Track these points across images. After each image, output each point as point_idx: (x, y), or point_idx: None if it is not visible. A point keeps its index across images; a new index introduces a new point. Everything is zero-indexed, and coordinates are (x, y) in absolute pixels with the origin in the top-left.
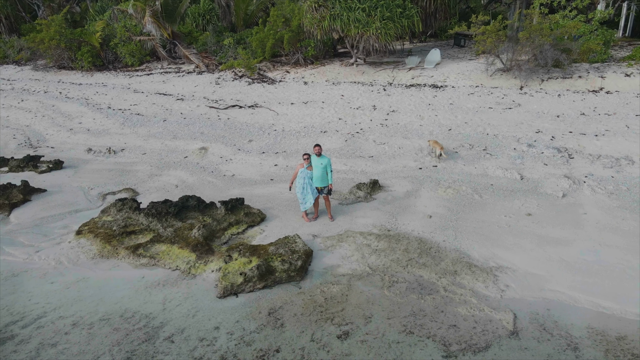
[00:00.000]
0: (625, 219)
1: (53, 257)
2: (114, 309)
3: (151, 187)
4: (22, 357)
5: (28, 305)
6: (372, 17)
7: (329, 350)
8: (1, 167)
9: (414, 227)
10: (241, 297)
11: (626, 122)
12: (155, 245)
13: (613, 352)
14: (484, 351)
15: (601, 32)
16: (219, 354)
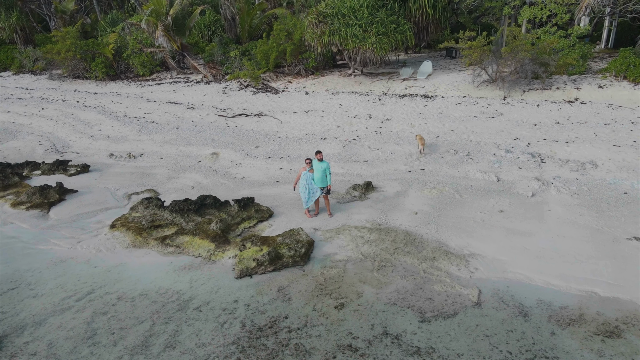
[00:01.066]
0: (583, 215)
1: (93, 246)
2: (150, 287)
3: (170, 188)
4: (79, 323)
5: (78, 284)
6: (368, 33)
7: (328, 317)
8: (34, 171)
9: (402, 222)
10: (255, 277)
11: (595, 130)
12: (179, 237)
13: (555, 317)
14: (452, 317)
15: (579, 46)
16: (239, 319)
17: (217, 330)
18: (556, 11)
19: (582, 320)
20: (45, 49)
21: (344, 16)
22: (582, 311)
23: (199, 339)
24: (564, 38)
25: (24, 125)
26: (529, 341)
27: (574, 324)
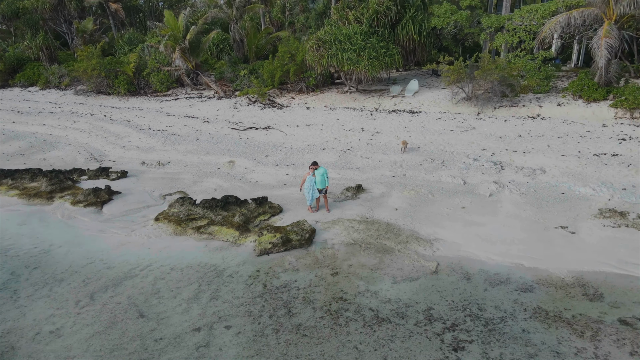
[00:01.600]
0: (526, 210)
1: (144, 234)
2: (193, 262)
3: (196, 190)
4: (146, 284)
5: (139, 260)
6: (361, 56)
7: (325, 280)
8: (81, 176)
9: (384, 216)
10: (271, 255)
11: (549, 142)
12: (210, 227)
13: (489, 280)
14: (415, 280)
15: (544, 69)
16: (261, 282)
17: (246, 288)
18: (524, 38)
19: (508, 282)
20: (71, 66)
21: (340, 42)
22: (509, 276)
23: (234, 294)
24: (531, 61)
25: (61, 137)
26: (467, 294)
27: (502, 284)
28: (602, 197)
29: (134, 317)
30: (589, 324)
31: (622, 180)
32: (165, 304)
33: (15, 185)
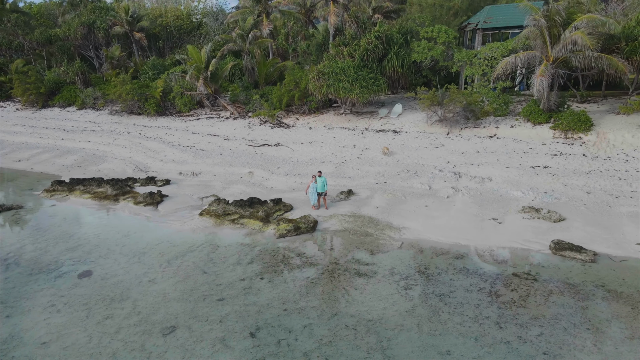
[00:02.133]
0: (471, 207)
1: (193, 225)
2: (232, 242)
3: (225, 194)
4: (202, 255)
5: (193, 241)
6: (353, 86)
7: (325, 253)
8: (135, 183)
9: (368, 212)
10: (286, 238)
11: (499, 157)
12: (241, 219)
13: (436, 252)
14: (385, 252)
15: (502, 96)
16: (281, 253)
17: (271, 257)
18: (487, 71)
19: (448, 253)
20: (103, 89)
21: (337, 74)
22: (449, 250)
23: (263, 260)
24: (492, 90)
25: (107, 152)
26: (419, 260)
27: (443, 254)
28: (528, 198)
29: (200, 273)
30: (498, 280)
31: (545, 186)
32: (218, 267)
33: (87, 190)
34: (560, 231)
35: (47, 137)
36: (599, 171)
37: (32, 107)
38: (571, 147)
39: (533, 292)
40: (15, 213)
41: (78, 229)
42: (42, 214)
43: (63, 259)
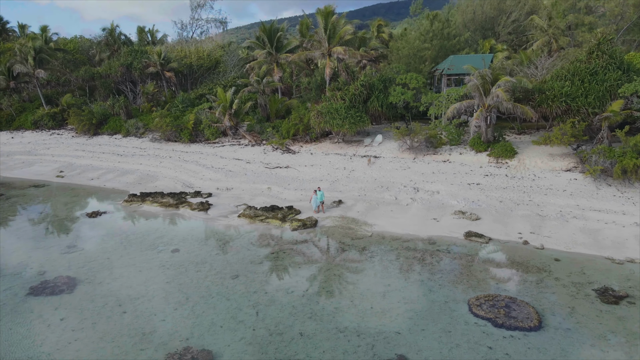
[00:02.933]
0: (421, 212)
1: (235, 223)
2: (263, 233)
3: (253, 203)
4: (244, 241)
5: (237, 233)
6: (344, 122)
7: (322, 240)
8: (186, 196)
9: (352, 215)
10: (298, 230)
11: (447, 177)
12: (267, 219)
13: (392, 239)
14: (361, 239)
15: (456, 131)
16: (295, 239)
17: (289, 241)
18: (444, 110)
19: (400, 239)
20: (144, 120)
21: (332, 113)
22: (401, 237)
23: (285, 241)
24: (449, 125)
25: (157, 172)
26: (380, 243)
27: (397, 240)
28: (460, 205)
29: (246, 250)
30: (426, 252)
31: (474, 197)
32: (256, 247)
33: (155, 200)
34: (475, 226)
35: (105, 160)
36: (512, 187)
37: (85, 134)
38: (499, 170)
39: (444, 258)
40: (110, 216)
41: (158, 226)
42: (130, 216)
43: (158, 242)
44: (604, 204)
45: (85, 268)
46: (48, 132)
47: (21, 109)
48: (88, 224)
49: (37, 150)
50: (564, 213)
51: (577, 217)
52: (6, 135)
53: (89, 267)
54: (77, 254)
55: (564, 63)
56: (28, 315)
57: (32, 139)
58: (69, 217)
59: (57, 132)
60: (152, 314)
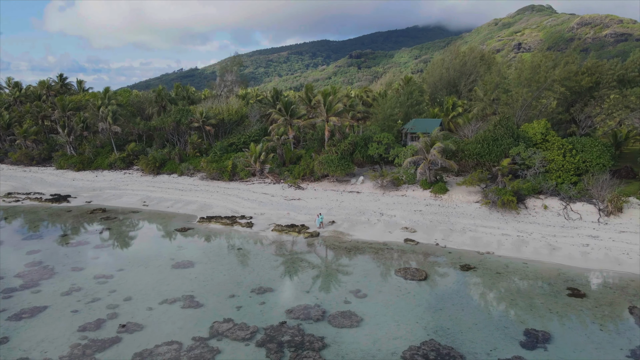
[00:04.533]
0: (383, 227)
1: (270, 234)
2: (287, 239)
3: (279, 222)
4: (276, 245)
5: (271, 239)
6: (337, 168)
7: (321, 243)
8: (237, 219)
9: (341, 229)
10: (308, 238)
11: (402, 206)
12: (290, 232)
13: (362, 242)
14: (344, 243)
15: (412, 175)
16: (307, 242)
17: (302, 243)
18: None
19: (365, 242)
20: (194, 164)
21: (329, 162)
22: (370, 243)
23: (300, 247)
24: (407, 170)
25: (212, 202)
26: (352, 245)
27: (365, 243)
28: (406, 223)
29: (280, 248)
30: (380, 249)
31: (415, 219)
32: (285, 246)
33: (218, 221)
34: (412, 235)
35: (172, 194)
36: (440, 212)
37: (150, 174)
38: (435, 201)
39: (389, 252)
40: (194, 230)
41: (224, 236)
42: (205, 229)
43: (230, 242)
44: (489, 222)
45: (198, 255)
46: (121, 172)
47: (96, 153)
48: (183, 234)
49: (119, 186)
50: (465, 228)
51: (472, 230)
52: (90, 174)
53: (200, 255)
54: (187, 250)
55: (487, 126)
56: (182, 272)
57: (110, 177)
58: (168, 230)
59: (128, 171)
60: (264, 268)
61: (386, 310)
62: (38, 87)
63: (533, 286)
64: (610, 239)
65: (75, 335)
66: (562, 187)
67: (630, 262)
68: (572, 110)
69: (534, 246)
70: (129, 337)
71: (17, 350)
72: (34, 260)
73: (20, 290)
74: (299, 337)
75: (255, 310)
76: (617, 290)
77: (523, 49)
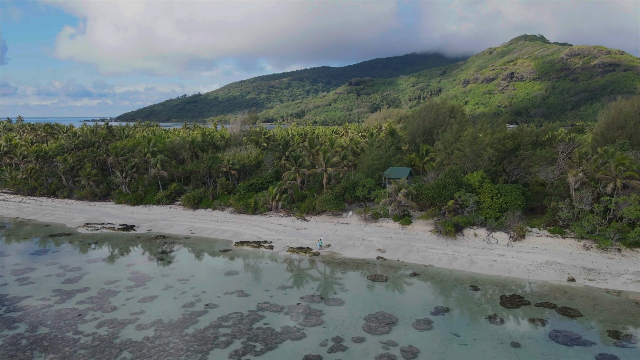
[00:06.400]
0: (364, 249)
1: (286, 254)
2: (297, 258)
3: (292, 245)
4: (289, 261)
5: (287, 257)
6: (332, 206)
7: (320, 259)
8: (261, 243)
9: (334, 250)
10: (310, 257)
11: (378, 234)
12: (299, 252)
13: (347, 259)
14: (336, 259)
15: (386, 210)
16: (310, 259)
17: (308, 261)
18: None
19: (353, 260)
20: (224, 201)
21: (326, 201)
22: (353, 259)
23: (305, 261)
24: (383, 207)
25: (241, 231)
26: (343, 261)
27: (352, 261)
28: (380, 246)
29: (290, 263)
30: (360, 263)
31: (387, 243)
32: (295, 262)
33: (248, 244)
34: (383, 254)
35: (209, 224)
36: (405, 239)
37: (190, 208)
38: (402, 230)
39: (365, 265)
40: (232, 252)
41: (254, 255)
42: (241, 250)
43: (261, 257)
44: (436, 245)
45: (239, 267)
46: (167, 207)
47: (146, 191)
48: (225, 254)
49: (168, 218)
50: (419, 249)
51: (423, 250)
52: (144, 208)
53: (240, 267)
54: (232, 263)
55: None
56: (232, 277)
57: (160, 211)
58: (214, 251)
59: (172, 206)
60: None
61: (359, 298)
62: (90, 135)
63: (450, 284)
64: (511, 256)
65: (180, 310)
66: (488, 220)
67: (517, 270)
68: (502, 163)
69: (461, 261)
70: (212, 310)
71: (153, 317)
72: (134, 270)
73: (135, 287)
74: (307, 310)
75: (281, 298)
76: (500, 286)
77: (516, 78)
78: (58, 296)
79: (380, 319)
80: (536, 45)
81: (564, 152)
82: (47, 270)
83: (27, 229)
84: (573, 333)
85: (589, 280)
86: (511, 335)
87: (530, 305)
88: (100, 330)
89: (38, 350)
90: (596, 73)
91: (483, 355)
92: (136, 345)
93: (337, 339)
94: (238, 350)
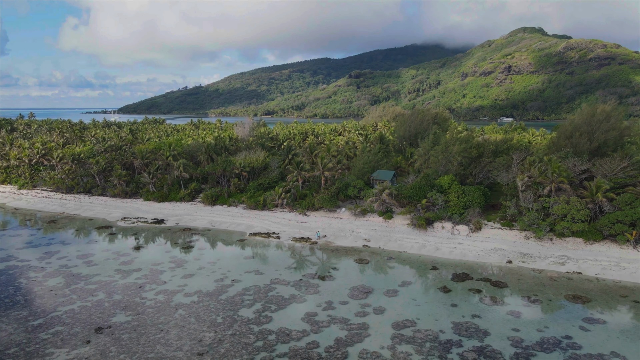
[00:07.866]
0: (352, 238)
1: (291, 243)
2: (301, 246)
3: (295, 236)
4: (293, 249)
5: (291, 246)
6: (329, 203)
7: (318, 248)
8: (270, 234)
9: (329, 240)
10: (311, 245)
11: (366, 227)
12: (301, 242)
13: (339, 246)
14: (330, 246)
15: (372, 207)
16: (310, 248)
17: (308, 249)
18: (369, 198)
19: (344, 247)
20: (238, 198)
21: (323, 199)
22: (344, 247)
23: (307, 249)
24: (370, 204)
25: (254, 224)
26: (337, 248)
27: (343, 247)
28: (366, 236)
29: (293, 250)
30: (350, 250)
31: (372, 234)
32: (298, 249)
33: (259, 235)
34: (367, 243)
35: (226, 218)
36: (387, 231)
37: (209, 205)
38: (385, 224)
39: (353, 251)
40: (247, 241)
41: (265, 244)
42: (255, 240)
43: (273, 245)
44: (410, 236)
45: (255, 252)
46: (189, 203)
47: (169, 190)
48: (241, 242)
49: (191, 213)
50: (397, 239)
51: (400, 240)
52: (169, 205)
53: (256, 252)
54: (248, 250)
55: (419, 177)
56: (249, 261)
57: (183, 207)
58: (232, 240)
59: (193, 203)
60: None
61: (346, 276)
62: (117, 140)
63: (416, 265)
64: (468, 244)
65: (214, 284)
66: (454, 216)
67: (470, 255)
68: (469, 168)
69: (428, 248)
70: (237, 284)
71: (194, 288)
72: (172, 255)
73: (177, 268)
74: (307, 284)
75: (288, 275)
76: (454, 267)
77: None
78: (120, 274)
79: (360, 289)
80: (534, 38)
81: (517, 159)
82: (104, 255)
83: (76, 223)
84: (497, 298)
85: (522, 262)
86: (452, 299)
87: (472, 280)
88: (158, 297)
89: (119, 309)
90: (592, 67)
91: (430, 312)
92: (187, 306)
93: (329, 302)
94: (259, 309)
